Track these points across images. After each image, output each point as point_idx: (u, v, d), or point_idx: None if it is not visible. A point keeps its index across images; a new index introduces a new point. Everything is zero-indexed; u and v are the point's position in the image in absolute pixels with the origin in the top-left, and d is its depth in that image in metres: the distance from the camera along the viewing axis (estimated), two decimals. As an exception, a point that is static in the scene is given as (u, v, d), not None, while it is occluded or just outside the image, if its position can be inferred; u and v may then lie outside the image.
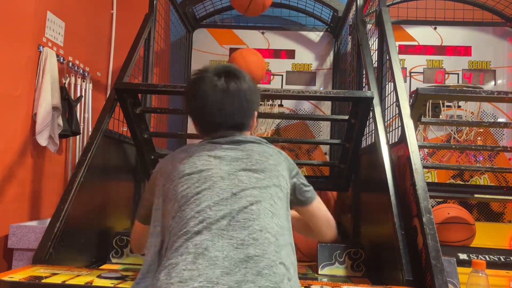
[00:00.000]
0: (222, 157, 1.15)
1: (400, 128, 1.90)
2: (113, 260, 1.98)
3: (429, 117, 2.78)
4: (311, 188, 1.31)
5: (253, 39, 3.68)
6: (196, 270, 0.96)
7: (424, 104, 1.99)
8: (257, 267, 0.98)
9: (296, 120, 3.61)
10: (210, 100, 1.19)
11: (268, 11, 3.72)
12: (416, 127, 1.92)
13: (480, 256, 1.98)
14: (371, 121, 2.19)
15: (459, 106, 3.16)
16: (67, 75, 2.78)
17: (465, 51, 3.51)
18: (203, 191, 1.09)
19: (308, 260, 2.13)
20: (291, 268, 1.06)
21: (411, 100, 1.99)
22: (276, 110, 3.52)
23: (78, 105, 2.86)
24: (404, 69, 3.48)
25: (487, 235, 2.55)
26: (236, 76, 1.22)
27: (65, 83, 2.74)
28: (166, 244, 1.07)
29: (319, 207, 1.33)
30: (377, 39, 2.47)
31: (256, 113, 1.30)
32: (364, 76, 2.50)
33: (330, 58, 3.68)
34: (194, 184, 1.10)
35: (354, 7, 2.86)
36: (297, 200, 1.28)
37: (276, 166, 1.18)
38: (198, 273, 0.95)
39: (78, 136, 2.88)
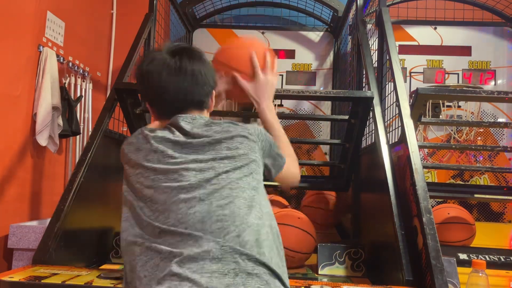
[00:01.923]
0: (179, 155, 1.09)
1: (400, 128, 1.90)
2: (113, 260, 1.98)
3: (429, 117, 2.78)
4: (281, 159, 1.28)
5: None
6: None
7: (424, 104, 1.99)
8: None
9: (296, 120, 3.61)
10: (163, 80, 1.14)
11: (268, 11, 3.74)
12: (416, 127, 1.92)
13: (480, 256, 1.98)
14: (371, 121, 2.19)
15: (459, 106, 3.16)
16: (67, 75, 2.78)
17: (465, 51, 3.51)
18: (168, 201, 1.03)
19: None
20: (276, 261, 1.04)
21: (411, 100, 1.99)
22: (275, 110, 3.51)
23: (78, 105, 2.86)
24: (404, 69, 3.48)
25: (487, 235, 2.55)
26: (189, 54, 1.18)
27: (65, 83, 2.74)
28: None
29: (286, 171, 1.31)
30: (377, 39, 2.47)
31: (214, 92, 1.26)
32: (364, 76, 2.50)
33: (330, 58, 3.68)
34: (150, 186, 1.06)
35: (354, 7, 2.86)
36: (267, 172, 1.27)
37: (247, 153, 1.12)
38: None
39: (78, 136, 2.88)
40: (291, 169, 1.35)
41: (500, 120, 3.40)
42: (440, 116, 2.88)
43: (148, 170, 1.09)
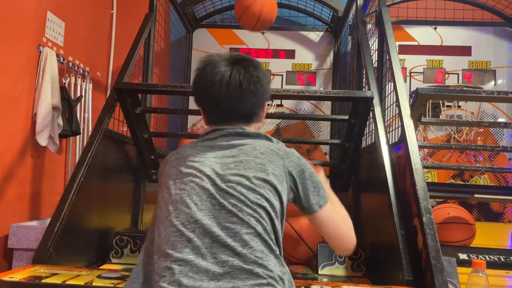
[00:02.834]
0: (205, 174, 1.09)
1: (400, 128, 1.90)
2: (113, 260, 1.98)
3: (429, 117, 2.79)
4: (318, 192, 1.17)
5: (253, 39, 3.68)
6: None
7: (424, 104, 1.99)
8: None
9: (296, 120, 3.61)
10: (221, 88, 1.14)
11: (268, 11, 3.71)
12: (416, 127, 1.92)
13: (480, 256, 1.98)
14: (371, 121, 2.19)
15: (459, 106, 3.16)
16: (67, 75, 2.78)
17: (465, 51, 3.51)
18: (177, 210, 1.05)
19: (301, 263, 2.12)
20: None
21: (411, 100, 1.99)
22: (272, 110, 3.50)
23: (78, 105, 2.86)
24: (404, 69, 3.48)
25: (487, 235, 2.55)
26: (248, 64, 1.18)
27: (65, 83, 2.74)
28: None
29: (327, 218, 1.18)
30: (377, 39, 2.47)
31: (266, 104, 1.25)
32: (364, 76, 2.50)
33: (330, 58, 3.68)
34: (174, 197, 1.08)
35: (354, 7, 2.86)
36: (299, 205, 1.18)
37: (264, 166, 1.10)
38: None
39: (78, 136, 2.88)
40: (336, 221, 1.20)
41: (500, 120, 3.40)
42: (440, 116, 2.88)
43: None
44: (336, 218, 1.20)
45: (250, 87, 1.15)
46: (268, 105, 3.32)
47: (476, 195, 2.53)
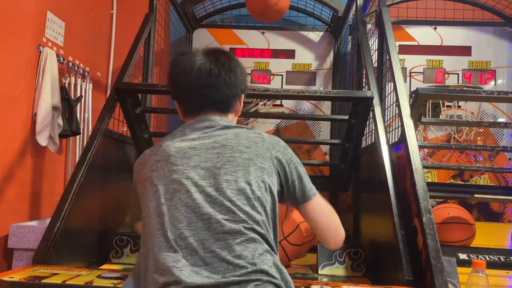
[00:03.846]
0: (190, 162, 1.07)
1: (400, 128, 1.90)
2: (113, 260, 1.98)
3: (429, 117, 2.79)
4: (309, 181, 1.17)
5: (253, 39, 3.68)
6: None
7: (424, 104, 1.99)
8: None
9: (296, 120, 3.61)
10: (194, 77, 1.15)
11: (268, 11, 3.72)
12: (416, 127, 1.92)
13: (480, 256, 1.98)
14: (371, 121, 2.19)
15: (459, 106, 3.16)
16: (67, 75, 2.78)
17: (465, 51, 3.51)
18: (168, 214, 1.03)
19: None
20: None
21: (411, 100, 1.99)
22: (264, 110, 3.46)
23: (78, 105, 2.86)
24: (404, 69, 3.48)
25: (487, 235, 2.55)
26: (222, 55, 1.19)
27: (65, 83, 2.74)
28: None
29: (320, 207, 1.19)
30: (377, 39, 2.47)
31: (242, 96, 1.24)
32: (364, 76, 2.50)
33: (330, 58, 3.68)
34: (160, 199, 1.05)
35: (354, 7, 2.86)
36: (288, 197, 1.17)
37: (252, 161, 1.08)
38: None
39: (78, 136, 2.88)
40: (325, 214, 1.19)
41: (500, 120, 3.40)
42: (440, 116, 2.88)
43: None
44: (327, 208, 1.20)
45: (221, 74, 1.15)
46: (263, 104, 3.30)
47: (476, 195, 2.53)
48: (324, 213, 1.19)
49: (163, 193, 1.05)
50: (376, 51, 2.47)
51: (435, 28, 3.56)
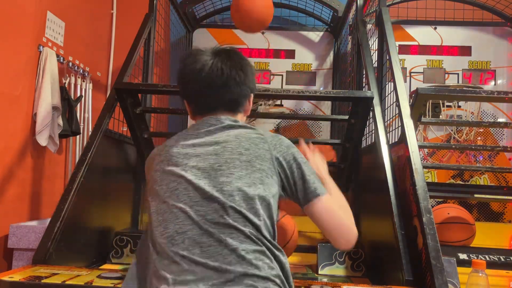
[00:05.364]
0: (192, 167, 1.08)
1: (400, 128, 1.90)
2: (113, 260, 1.98)
3: (429, 117, 2.78)
4: (314, 181, 1.12)
5: (253, 39, 3.68)
6: None
7: (424, 104, 1.99)
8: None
9: (296, 120, 3.61)
10: (202, 80, 1.14)
11: (268, 11, 3.71)
12: (416, 127, 1.92)
13: (480, 256, 1.98)
14: (371, 121, 2.19)
15: (459, 106, 3.16)
16: (67, 75, 2.78)
17: (465, 51, 3.51)
18: (167, 212, 1.04)
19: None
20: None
21: (411, 100, 1.99)
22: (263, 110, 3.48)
23: (78, 105, 2.86)
24: (404, 69, 3.48)
25: (487, 235, 2.55)
26: (229, 53, 1.18)
27: (65, 83, 2.74)
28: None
29: (326, 209, 1.11)
30: (377, 39, 2.47)
31: (252, 95, 1.24)
32: (364, 76, 2.50)
33: (330, 58, 3.68)
34: (161, 199, 1.07)
35: (354, 7, 2.86)
36: (292, 197, 1.14)
37: (250, 163, 1.07)
38: None
39: (78, 136, 2.88)
40: (336, 212, 1.11)
41: (500, 120, 3.40)
42: (440, 116, 2.88)
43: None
44: (335, 209, 1.12)
45: (232, 74, 1.14)
46: (261, 104, 3.30)
47: (476, 195, 2.53)
48: (330, 214, 1.11)
49: (163, 192, 1.07)
50: (376, 51, 2.47)
51: (435, 28, 3.56)
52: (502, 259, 1.97)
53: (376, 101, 2.11)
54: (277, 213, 1.11)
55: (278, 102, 3.59)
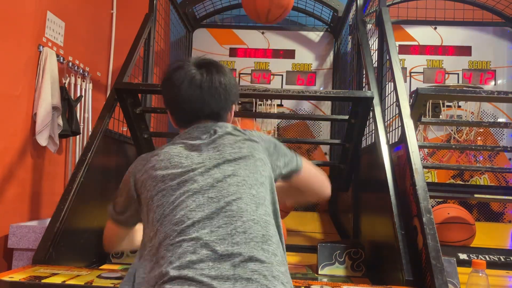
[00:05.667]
0: (193, 158, 1.13)
1: (400, 128, 1.90)
2: (113, 260, 1.98)
3: (429, 117, 2.78)
4: (293, 156, 1.29)
5: (253, 39, 3.69)
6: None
7: (424, 104, 1.99)
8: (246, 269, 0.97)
9: (296, 120, 3.61)
10: (186, 90, 1.18)
11: (268, 11, 3.71)
12: (416, 127, 1.92)
13: (480, 256, 1.98)
14: (371, 121, 2.19)
15: (459, 106, 3.16)
16: (67, 75, 2.78)
17: (465, 51, 3.51)
18: (177, 200, 1.06)
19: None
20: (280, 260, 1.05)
21: (411, 100, 1.99)
22: (274, 110, 3.50)
23: (78, 105, 2.86)
24: (404, 69, 3.48)
25: (487, 235, 2.55)
26: (214, 68, 1.22)
27: (65, 83, 2.74)
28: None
29: (309, 170, 1.33)
30: (377, 39, 2.47)
31: (234, 106, 1.29)
32: (364, 76, 2.50)
33: (330, 58, 3.68)
34: (169, 192, 1.08)
35: (354, 7, 2.86)
36: (285, 175, 1.27)
37: (251, 152, 1.15)
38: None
39: (78, 136, 2.88)
40: (313, 170, 1.36)
41: (500, 120, 3.40)
42: (440, 116, 2.87)
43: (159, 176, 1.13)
44: (314, 167, 1.37)
45: (212, 88, 1.19)
46: (261, 104, 3.31)
47: (476, 195, 2.53)
48: (313, 171, 1.37)
49: (170, 192, 1.09)
50: (376, 51, 2.47)
51: (435, 28, 3.56)
52: (502, 259, 1.97)
53: (376, 101, 2.11)
54: (275, 194, 1.18)
55: (278, 102, 3.59)
